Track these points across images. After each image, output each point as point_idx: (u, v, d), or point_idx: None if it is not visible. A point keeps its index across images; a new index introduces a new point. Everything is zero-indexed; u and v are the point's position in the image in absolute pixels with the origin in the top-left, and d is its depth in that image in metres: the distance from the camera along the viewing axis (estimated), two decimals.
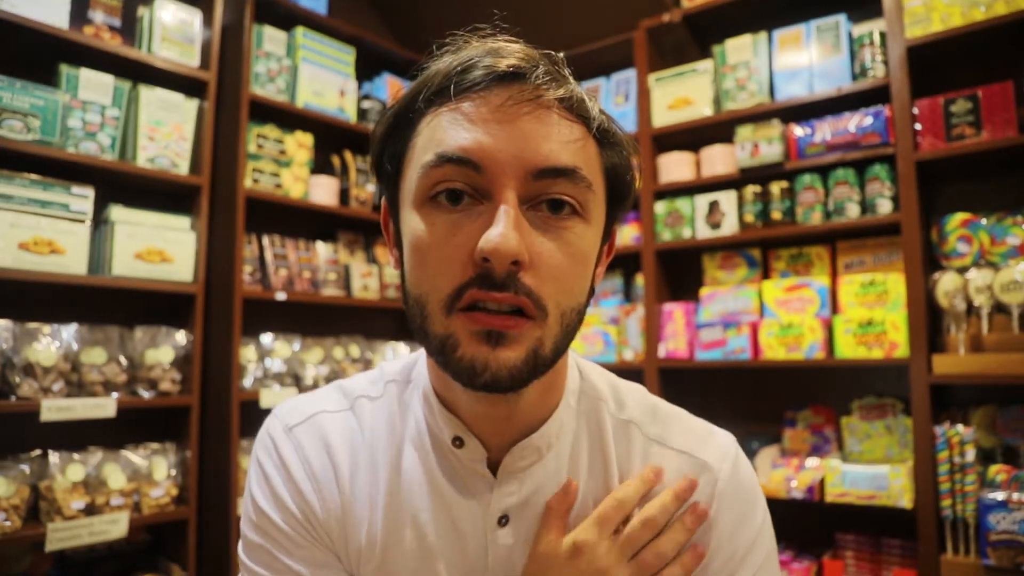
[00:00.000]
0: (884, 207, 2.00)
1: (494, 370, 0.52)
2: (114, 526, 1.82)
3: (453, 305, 0.53)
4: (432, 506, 0.62)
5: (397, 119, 0.59)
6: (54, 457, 1.79)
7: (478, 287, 0.52)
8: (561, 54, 0.58)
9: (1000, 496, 1.64)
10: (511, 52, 0.54)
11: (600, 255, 0.62)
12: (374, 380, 0.70)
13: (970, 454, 1.74)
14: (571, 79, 0.57)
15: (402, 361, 0.71)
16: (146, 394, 1.99)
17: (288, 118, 2.44)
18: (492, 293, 0.51)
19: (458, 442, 0.62)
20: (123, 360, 1.97)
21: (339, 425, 0.66)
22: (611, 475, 0.64)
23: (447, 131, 0.54)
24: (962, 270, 1.89)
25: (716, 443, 0.66)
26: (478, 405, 0.60)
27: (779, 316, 2.17)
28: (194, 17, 2.20)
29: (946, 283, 1.87)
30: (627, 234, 2.54)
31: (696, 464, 0.64)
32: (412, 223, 0.56)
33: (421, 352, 0.68)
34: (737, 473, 0.64)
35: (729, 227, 2.28)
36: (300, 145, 2.47)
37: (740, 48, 2.31)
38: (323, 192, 2.52)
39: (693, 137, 2.43)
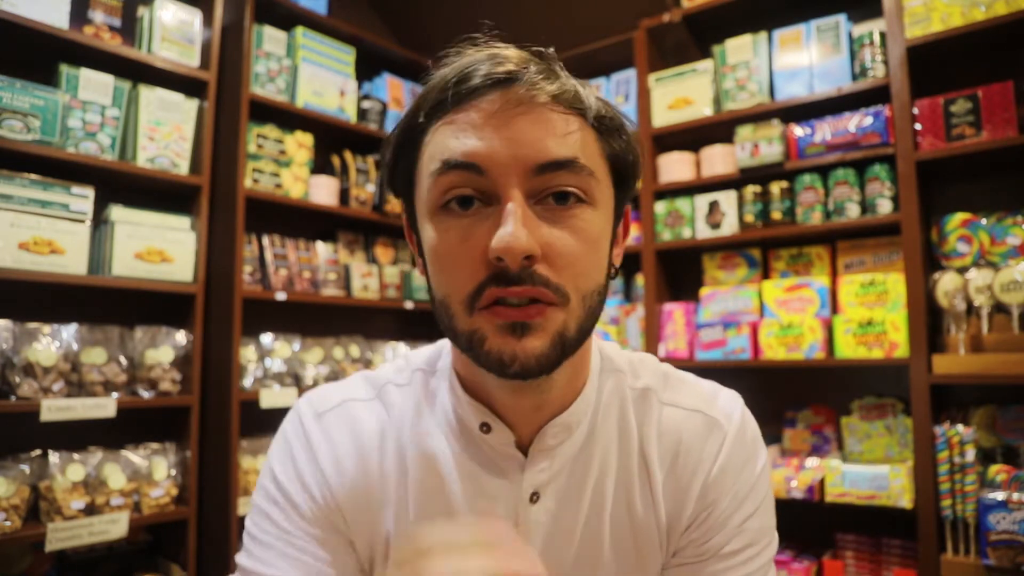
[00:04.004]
0: (884, 207, 2.00)
1: (522, 360, 0.55)
2: (114, 526, 1.82)
3: (474, 304, 0.56)
4: (463, 488, 0.65)
5: (402, 138, 0.62)
6: (54, 457, 1.79)
7: (496, 284, 0.55)
8: (551, 49, 0.60)
9: (1000, 496, 1.64)
10: (504, 57, 0.57)
11: (615, 236, 0.65)
12: (400, 369, 0.73)
13: (970, 454, 1.74)
14: (563, 73, 0.59)
15: (428, 351, 0.74)
16: (146, 394, 1.99)
17: (288, 118, 2.44)
18: (510, 288, 0.54)
19: (485, 428, 0.64)
20: (123, 360, 1.97)
21: (367, 414, 0.68)
22: (631, 440, 0.68)
23: (448, 140, 0.57)
24: (962, 270, 1.89)
25: (723, 401, 0.72)
26: (509, 397, 0.63)
27: (779, 316, 2.17)
28: (194, 17, 2.20)
29: (946, 283, 1.87)
30: None
31: (708, 421, 0.69)
32: (428, 232, 0.59)
33: (445, 342, 0.71)
34: (744, 427, 0.70)
35: (729, 227, 2.28)
36: (300, 145, 2.47)
37: (740, 48, 2.31)
38: (323, 192, 2.52)
39: (693, 137, 2.43)
